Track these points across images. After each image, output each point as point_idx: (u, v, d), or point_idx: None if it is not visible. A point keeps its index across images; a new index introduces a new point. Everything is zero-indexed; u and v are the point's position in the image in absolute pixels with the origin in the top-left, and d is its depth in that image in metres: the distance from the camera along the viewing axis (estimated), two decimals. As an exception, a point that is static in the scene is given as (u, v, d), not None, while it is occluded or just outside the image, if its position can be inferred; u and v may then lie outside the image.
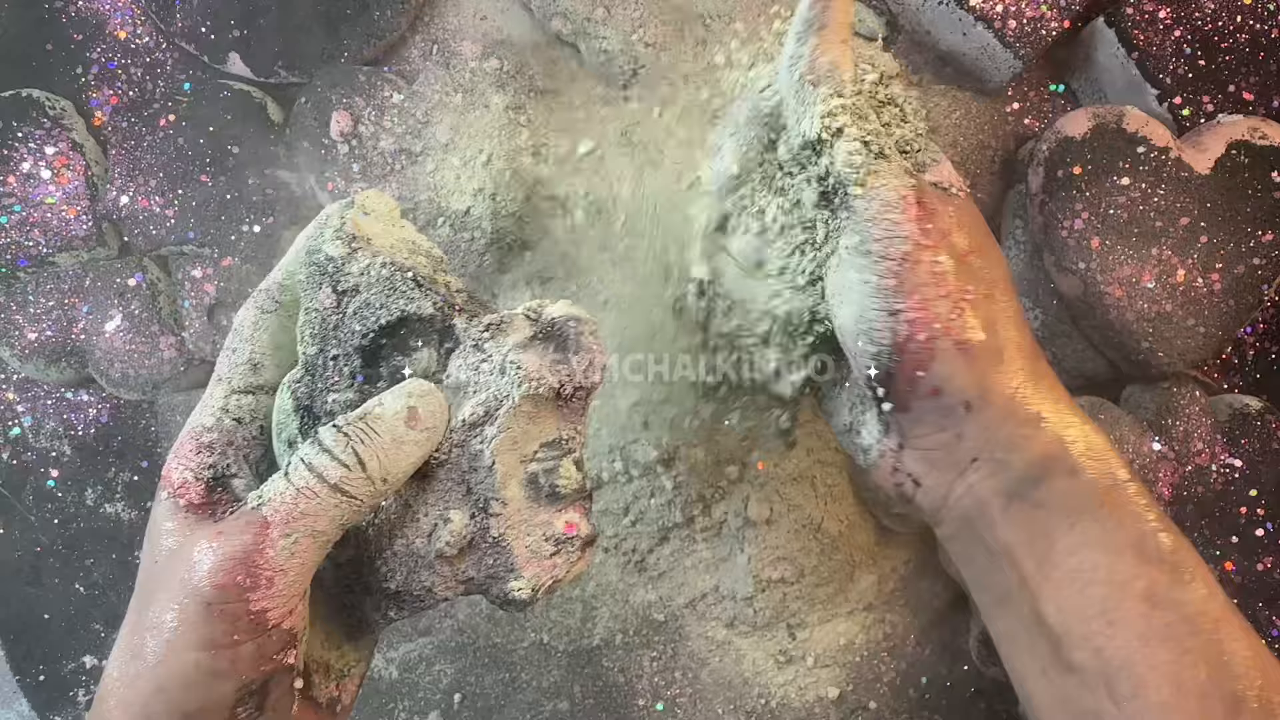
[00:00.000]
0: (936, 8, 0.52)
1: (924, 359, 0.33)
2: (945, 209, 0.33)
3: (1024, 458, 0.33)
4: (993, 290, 0.33)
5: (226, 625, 0.28)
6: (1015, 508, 0.33)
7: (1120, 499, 0.32)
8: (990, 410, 0.33)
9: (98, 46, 0.56)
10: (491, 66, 0.53)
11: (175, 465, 0.32)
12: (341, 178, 0.53)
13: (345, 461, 0.29)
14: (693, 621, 0.56)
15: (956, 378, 0.33)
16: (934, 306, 0.32)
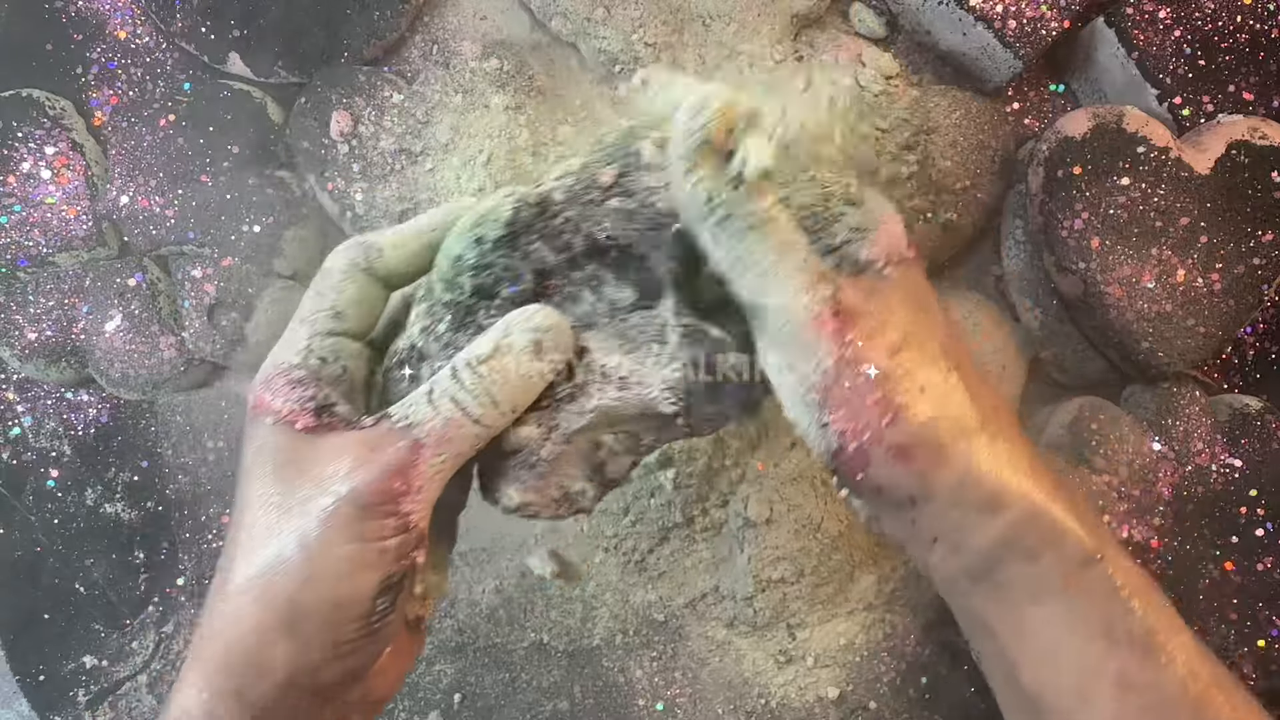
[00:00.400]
0: (936, 8, 0.52)
1: (859, 465, 0.33)
2: (869, 307, 0.32)
3: (978, 544, 0.33)
4: (928, 380, 0.32)
5: (377, 524, 0.32)
6: (980, 586, 0.33)
7: (1087, 580, 0.32)
8: (936, 502, 0.33)
9: (98, 46, 0.56)
10: (491, 66, 0.53)
11: (273, 397, 0.34)
12: (341, 178, 0.53)
13: (483, 401, 0.32)
14: (693, 621, 0.56)
15: (895, 478, 0.33)
16: (862, 417, 0.32)
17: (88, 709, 0.55)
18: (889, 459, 0.32)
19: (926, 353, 0.33)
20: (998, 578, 0.33)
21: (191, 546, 0.53)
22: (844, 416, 0.32)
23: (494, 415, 0.33)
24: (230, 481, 0.53)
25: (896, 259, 0.34)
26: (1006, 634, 0.33)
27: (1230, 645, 0.52)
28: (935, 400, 0.32)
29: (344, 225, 0.54)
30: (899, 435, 0.32)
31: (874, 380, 0.32)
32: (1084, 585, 0.32)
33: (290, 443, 0.33)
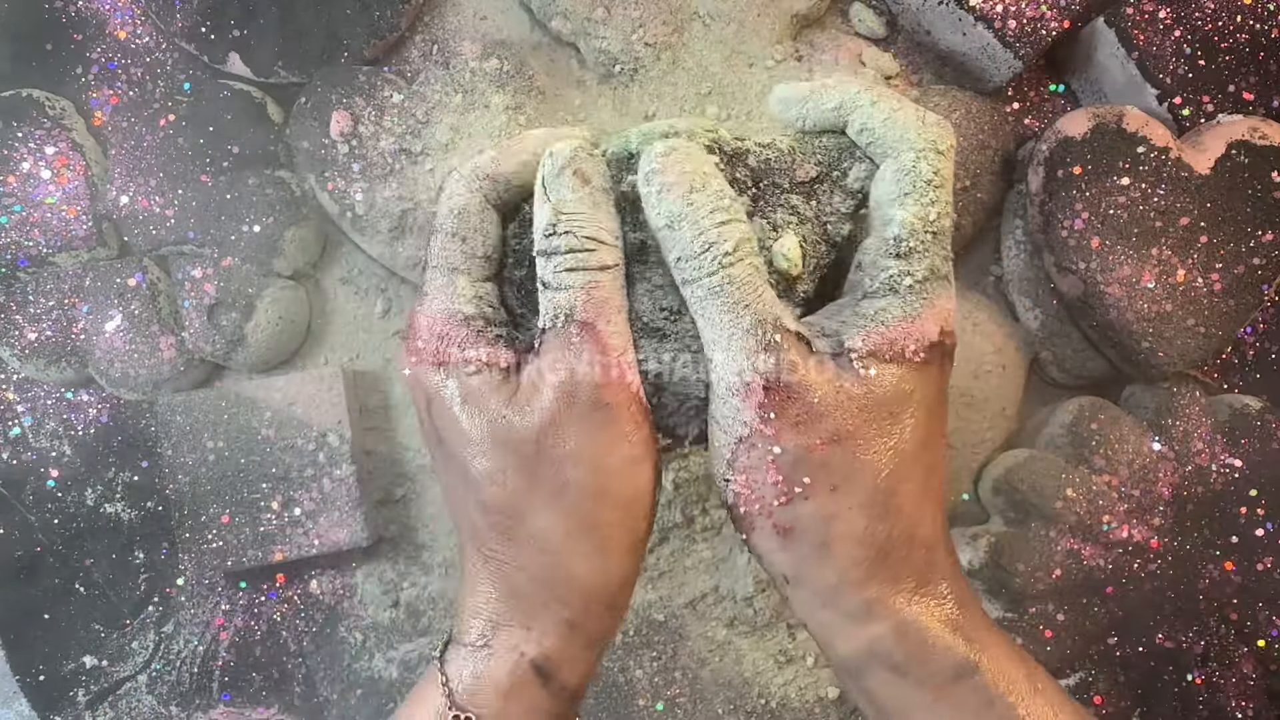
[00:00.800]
0: (936, 8, 0.52)
1: (745, 528, 0.33)
2: (808, 396, 0.31)
3: (844, 647, 0.33)
4: (843, 484, 0.31)
5: (623, 414, 0.32)
6: (848, 684, 0.34)
7: (958, 694, 0.32)
8: (806, 591, 0.33)
9: (98, 46, 0.56)
10: (491, 66, 0.53)
11: (463, 349, 0.34)
12: (341, 178, 0.53)
13: (587, 248, 0.32)
14: (693, 621, 0.56)
15: (772, 554, 0.33)
16: (758, 489, 0.32)
17: (88, 709, 0.55)
18: (772, 534, 0.32)
19: (852, 458, 0.31)
20: (865, 684, 0.33)
21: (191, 546, 0.53)
22: (742, 481, 0.32)
23: (606, 250, 0.32)
24: (229, 482, 0.53)
25: (887, 357, 0.32)
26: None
27: (1230, 645, 0.52)
28: (838, 503, 0.31)
29: (344, 225, 0.54)
30: (787, 517, 0.32)
31: (781, 461, 0.31)
32: (955, 699, 0.32)
33: (499, 381, 0.33)
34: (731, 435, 0.32)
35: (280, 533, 0.53)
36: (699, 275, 0.31)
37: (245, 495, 0.53)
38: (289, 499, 0.53)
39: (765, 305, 0.31)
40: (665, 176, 0.32)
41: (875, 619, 0.32)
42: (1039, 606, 0.51)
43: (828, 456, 0.31)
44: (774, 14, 0.54)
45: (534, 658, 0.33)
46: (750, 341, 0.31)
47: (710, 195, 0.32)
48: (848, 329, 0.32)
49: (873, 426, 0.32)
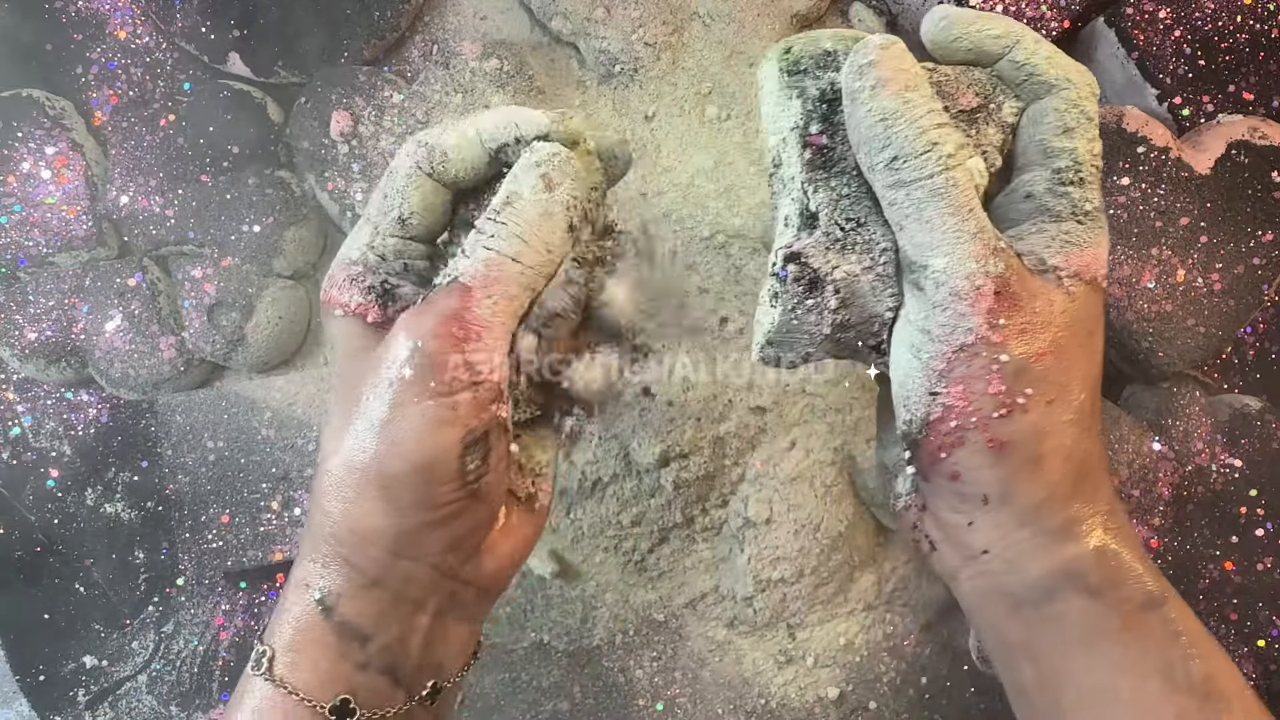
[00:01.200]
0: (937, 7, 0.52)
1: (949, 444, 0.32)
2: (1033, 304, 0.31)
3: (1038, 568, 0.32)
4: (1059, 396, 0.31)
5: (446, 375, 0.32)
6: (1024, 612, 0.33)
7: (1148, 623, 0.31)
8: (1008, 510, 0.32)
9: (98, 46, 0.56)
10: (491, 66, 0.53)
11: (338, 293, 0.35)
12: (341, 178, 0.53)
13: (514, 241, 0.33)
14: (693, 621, 0.56)
15: (979, 470, 0.32)
16: (977, 401, 0.31)
17: (88, 709, 0.55)
18: (984, 449, 0.31)
19: (1066, 371, 0.32)
20: (1051, 609, 0.32)
21: (191, 546, 0.53)
22: (958, 393, 0.31)
23: (530, 253, 0.33)
24: (229, 482, 0.53)
25: (1087, 278, 0.32)
26: (1051, 667, 0.32)
27: (1230, 645, 0.52)
28: (1053, 416, 0.31)
29: (344, 225, 0.54)
30: (1005, 431, 0.31)
31: (1005, 370, 0.31)
32: (1144, 628, 0.31)
33: (361, 330, 0.35)
34: (950, 344, 0.31)
35: (280, 533, 0.53)
36: (920, 175, 0.31)
37: (245, 495, 0.53)
38: (289, 499, 0.53)
39: (982, 211, 0.31)
40: (882, 70, 0.31)
41: (1076, 538, 0.32)
42: (1039, 606, 0.51)
43: (1048, 368, 0.31)
44: (774, 14, 0.54)
45: (318, 590, 0.33)
46: (978, 246, 0.31)
47: (926, 96, 0.31)
48: (1045, 250, 0.32)
49: (1079, 343, 0.32)
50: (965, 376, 0.31)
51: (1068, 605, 0.32)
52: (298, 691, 0.32)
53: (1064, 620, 0.32)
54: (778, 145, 0.35)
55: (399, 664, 0.34)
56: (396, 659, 0.34)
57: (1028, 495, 0.32)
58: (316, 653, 0.33)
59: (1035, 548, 0.32)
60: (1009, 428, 0.31)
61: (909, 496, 0.35)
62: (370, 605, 0.33)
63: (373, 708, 0.33)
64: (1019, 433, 0.31)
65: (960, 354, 0.31)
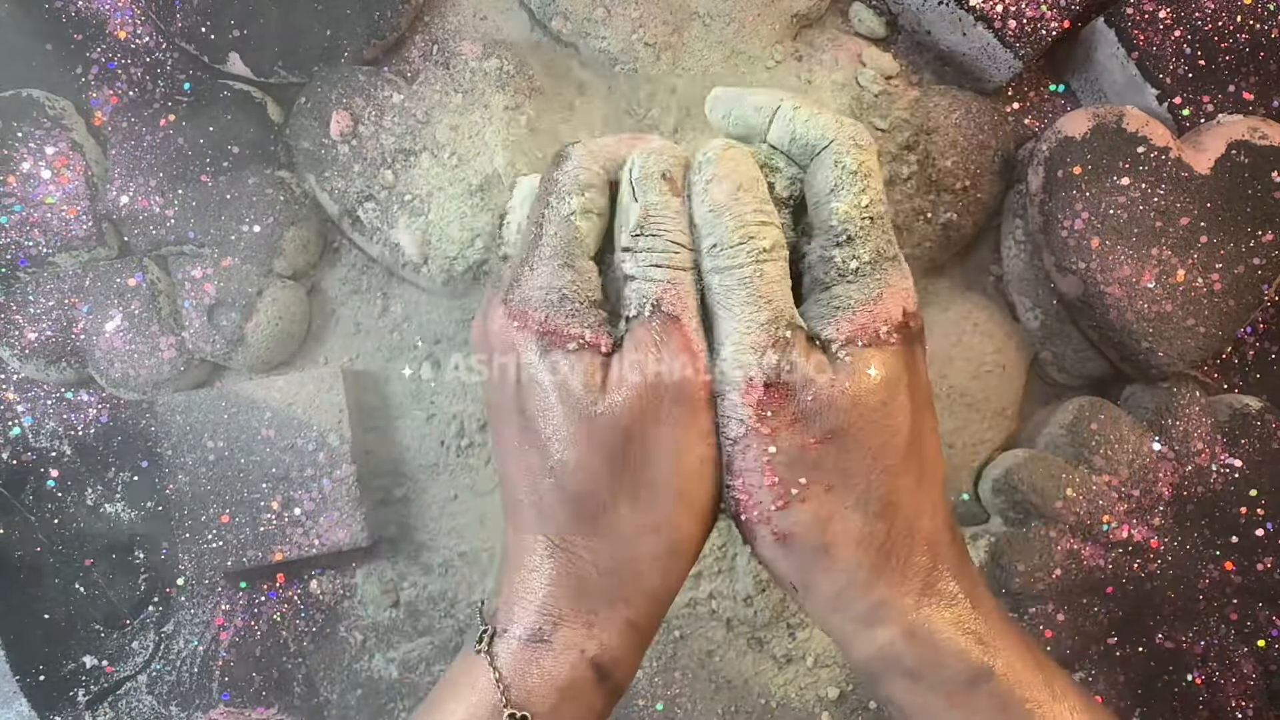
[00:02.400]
0: (936, 8, 0.52)
1: (749, 536, 0.33)
2: (806, 394, 0.31)
3: (859, 654, 0.33)
4: (839, 483, 0.31)
5: (702, 413, 0.32)
6: (872, 685, 0.34)
7: (974, 700, 0.32)
8: (814, 599, 0.33)
9: (98, 46, 0.56)
10: (491, 66, 0.53)
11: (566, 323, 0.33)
12: (341, 178, 0.53)
13: (669, 249, 0.33)
14: (693, 621, 0.56)
15: (776, 564, 0.33)
16: (756, 494, 0.32)
17: (88, 709, 0.55)
18: (771, 541, 0.32)
19: (845, 456, 0.31)
20: (881, 692, 0.33)
21: (191, 546, 0.53)
22: (740, 485, 0.32)
23: (685, 255, 0.33)
24: (229, 482, 0.53)
25: (864, 341, 0.32)
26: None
27: (1230, 645, 0.52)
28: (833, 503, 0.31)
29: (344, 225, 0.54)
30: (785, 523, 0.31)
31: (776, 462, 0.31)
32: (971, 705, 0.32)
33: (598, 367, 0.33)
34: (727, 437, 0.32)
35: (280, 533, 0.53)
36: (732, 264, 0.32)
37: (245, 495, 0.53)
38: (289, 499, 0.53)
39: (785, 303, 0.32)
40: (718, 169, 0.33)
41: (884, 623, 0.32)
42: (1039, 606, 0.51)
43: (822, 455, 0.31)
44: (774, 14, 0.54)
45: (594, 656, 0.32)
46: (762, 337, 0.31)
47: (757, 196, 0.33)
48: (820, 323, 0.33)
49: (864, 420, 0.31)
50: (743, 469, 0.32)
51: (892, 688, 0.33)
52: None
53: (894, 701, 0.33)
54: None
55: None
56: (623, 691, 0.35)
57: (825, 585, 0.32)
58: (583, 713, 0.33)
59: (850, 634, 0.33)
60: (789, 519, 0.31)
61: None
62: (636, 664, 0.34)
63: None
64: (799, 524, 0.31)
65: (735, 446, 0.32)
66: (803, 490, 0.31)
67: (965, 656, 0.32)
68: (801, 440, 0.31)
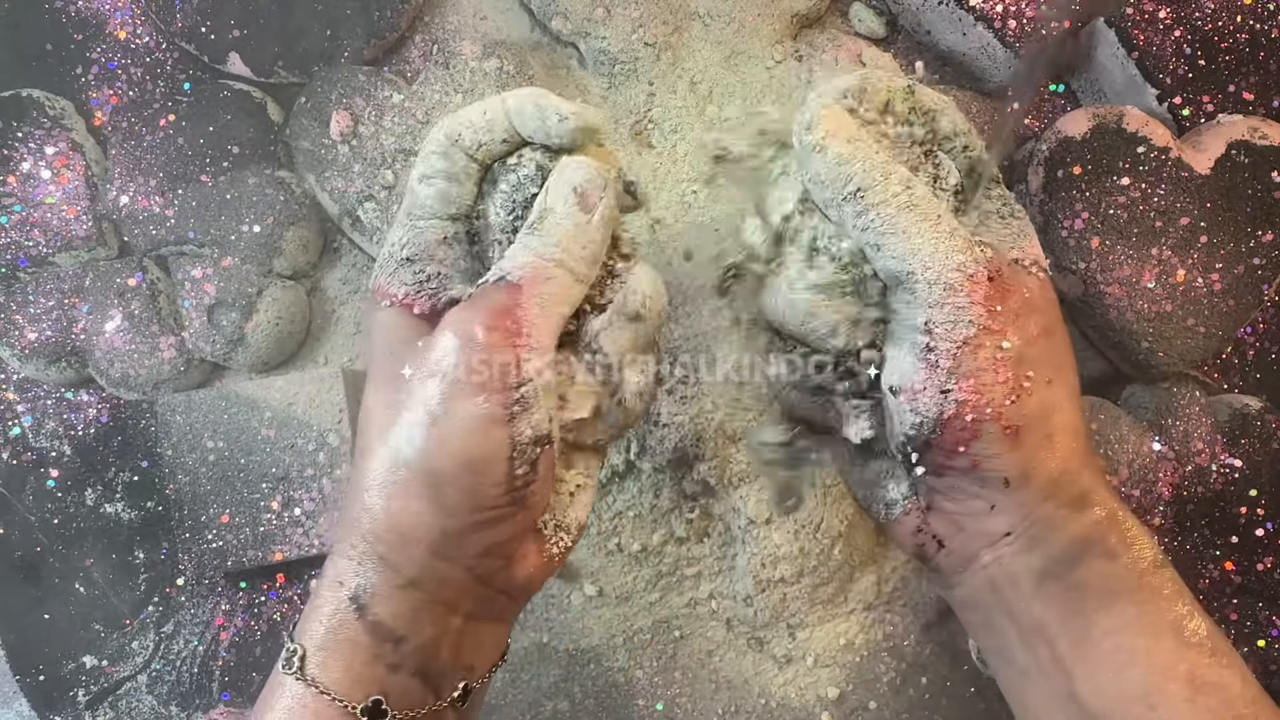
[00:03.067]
0: (936, 8, 0.52)
1: (966, 438, 0.32)
2: (1020, 290, 0.33)
3: (1062, 538, 0.33)
4: (1057, 376, 0.33)
5: (498, 371, 0.31)
6: (1049, 585, 0.33)
7: (1156, 583, 0.33)
8: (1029, 489, 0.33)
9: (98, 46, 0.56)
10: (491, 66, 0.53)
11: (386, 282, 0.35)
12: (341, 178, 0.53)
13: (556, 250, 0.33)
14: (693, 621, 0.56)
15: (999, 457, 0.33)
16: (989, 392, 0.32)
17: (88, 709, 0.55)
18: (1001, 436, 0.32)
19: (1058, 351, 0.34)
20: (1073, 577, 0.33)
21: (191, 546, 0.53)
22: (969, 386, 0.32)
23: (573, 261, 0.33)
24: (229, 482, 0.53)
25: (1045, 265, 0.35)
26: (1068, 640, 0.33)
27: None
28: (1055, 395, 0.33)
29: (344, 225, 0.54)
30: (1017, 415, 0.32)
31: (1009, 358, 0.32)
32: (1156, 586, 0.33)
33: (407, 322, 0.35)
34: (954, 340, 0.32)
35: (280, 533, 0.53)
36: (886, 197, 0.32)
37: (245, 495, 0.53)
38: (289, 499, 0.53)
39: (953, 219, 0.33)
40: (827, 125, 0.33)
41: (1092, 505, 0.33)
42: (1039, 606, 0.51)
43: (1044, 349, 0.33)
44: (774, 14, 0.54)
45: (351, 589, 0.33)
46: (959, 241, 0.32)
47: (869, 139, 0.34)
48: (1003, 245, 0.35)
49: (1060, 322, 0.34)
50: (974, 369, 0.32)
51: (1089, 570, 0.33)
52: (329, 691, 0.32)
53: (1085, 586, 0.33)
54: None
55: (431, 666, 0.34)
56: (429, 661, 0.34)
57: (1045, 472, 0.33)
58: (349, 653, 0.32)
59: (1058, 519, 0.33)
60: (1021, 412, 0.32)
61: (907, 501, 0.36)
62: (405, 606, 0.33)
63: (404, 709, 0.33)
64: (1030, 415, 0.32)
65: (965, 349, 0.32)
66: (1032, 383, 0.32)
67: (1150, 542, 0.33)
68: (1026, 335, 0.32)
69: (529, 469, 0.33)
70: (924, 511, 0.35)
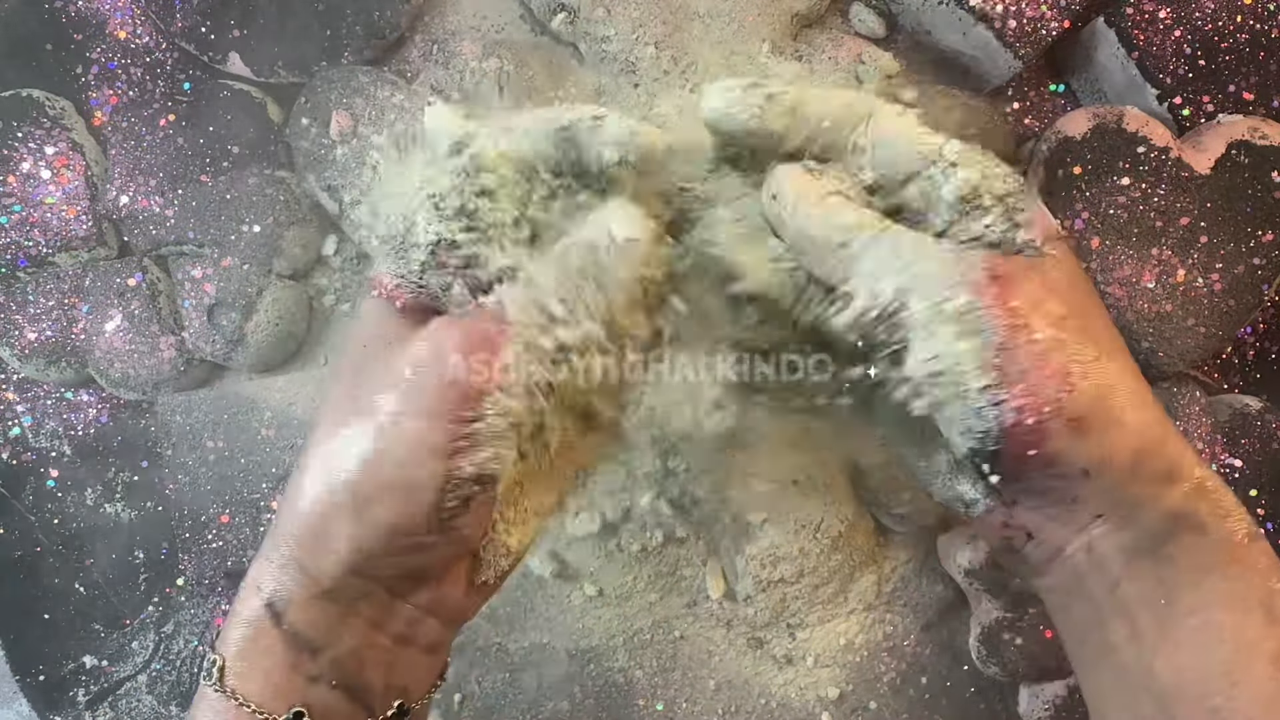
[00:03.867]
0: (936, 8, 0.52)
1: (1034, 441, 0.31)
2: (1029, 275, 0.31)
3: (1151, 515, 0.32)
4: (1102, 351, 0.31)
5: (454, 397, 0.30)
6: (1139, 563, 0.32)
7: (1248, 557, 0.32)
8: (1112, 474, 0.31)
9: (98, 46, 0.56)
10: (491, 66, 0.53)
11: (382, 269, 0.33)
12: (341, 178, 0.53)
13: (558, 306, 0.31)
14: (693, 621, 0.56)
15: (1072, 451, 0.31)
16: (1041, 390, 0.30)
17: (88, 709, 0.55)
18: (1068, 431, 0.30)
19: (1090, 322, 0.32)
20: (1164, 551, 0.32)
21: (191, 546, 0.53)
22: (1022, 391, 0.30)
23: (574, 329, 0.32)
24: (229, 482, 0.53)
25: (1056, 235, 0.33)
26: (1152, 617, 0.32)
27: (1230, 645, 0.52)
28: (1108, 371, 0.31)
29: (344, 225, 0.54)
30: (1078, 406, 0.30)
31: (1046, 348, 0.30)
32: (1248, 560, 0.31)
33: (388, 316, 0.33)
34: (984, 349, 0.30)
35: (280, 533, 0.53)
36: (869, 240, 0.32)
37: (245, 495, 0.53)
38: (289, 499, 0.53)
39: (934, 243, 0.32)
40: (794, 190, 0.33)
41: (1179, 479, 0.32)
42: (1039, 606, 0.51)
43: (1079, 327, 0.31)
44: (774, 14, 0.54)
45: (268, 594, 0.31)
46: (951, 254, 0.31)
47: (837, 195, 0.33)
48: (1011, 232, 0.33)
49: (1087, 288, 0.33)
50: (1018, 372, 0.30)
51: (1178, 546, 0.32)
52: (249, 703, 0.31)
53: (1177, 561, 0.32)
54: None
55: (356, 681, 0.32)
56: (352, 675, 0.32)
57: (1124, 454, 0.31)
58: (267, 662, 0.31)
59: (1146, 497, 0.32)
60: (1080, 400, 0.30)
61: (987, 501, 0.34)
62: (321, 616, 0.32)
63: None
64: (1090, 400, 0.30)
65: (1000, 354, 0.30)
66: (1081, 364, 0.31)
67: (1243, 512, 0.32)
68: (1053, 319, 0.31)
69: (459, 504, 0.31)
70: (1009, 508, 0.34)
